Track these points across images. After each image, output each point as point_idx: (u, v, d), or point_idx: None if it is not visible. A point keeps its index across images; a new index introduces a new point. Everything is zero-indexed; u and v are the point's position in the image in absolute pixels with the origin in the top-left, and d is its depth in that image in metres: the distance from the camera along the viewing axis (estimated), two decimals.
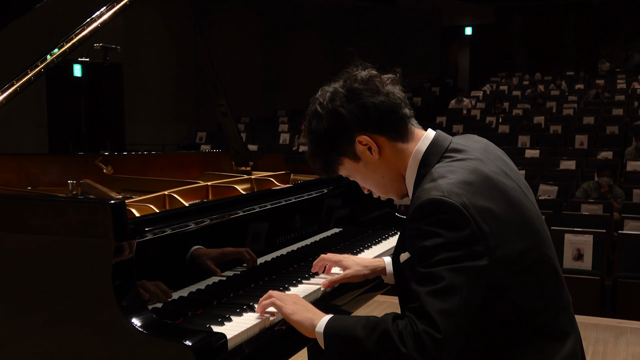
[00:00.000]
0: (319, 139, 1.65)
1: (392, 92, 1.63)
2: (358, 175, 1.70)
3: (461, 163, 1.56)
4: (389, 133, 1.62)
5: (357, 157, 1.64)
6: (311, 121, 1.66)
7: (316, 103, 1.66)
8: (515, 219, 1.52)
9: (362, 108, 1.60)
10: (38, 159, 2.73)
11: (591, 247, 5.36)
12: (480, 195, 1.48)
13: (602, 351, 3.97)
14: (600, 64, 19.19)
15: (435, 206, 1.45)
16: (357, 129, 1.61)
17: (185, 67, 14.52)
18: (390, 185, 1.69)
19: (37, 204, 1.59)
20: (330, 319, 1.57)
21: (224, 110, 2.82)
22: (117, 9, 2.38)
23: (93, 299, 1.46)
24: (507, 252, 1.48)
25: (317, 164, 1.70)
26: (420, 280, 1.45)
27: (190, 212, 1.79)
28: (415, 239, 1.48)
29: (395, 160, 1.64)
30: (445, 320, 1.41)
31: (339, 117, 1.61)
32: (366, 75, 1.65)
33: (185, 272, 1.73)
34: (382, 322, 1.47)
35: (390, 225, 2.76)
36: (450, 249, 1.43)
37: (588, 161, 9.29)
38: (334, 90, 1.65)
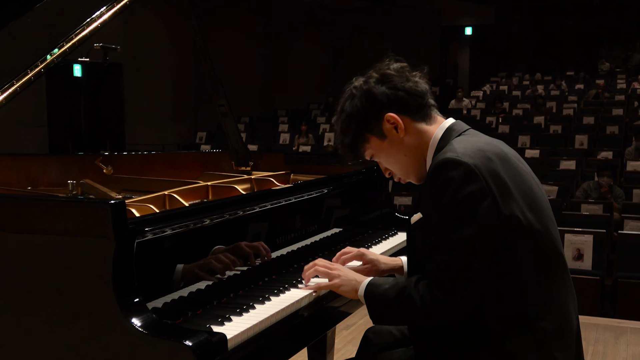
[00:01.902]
0: (350, 117, 1.78)
1: (419, 82, 1.80)
2: (383, 153, 1.81)
3: (476, 138, 1.71)
4: (415, 114, 1.76)
5: (384, 136, 1.77)
6: (345, 102, 1.81)
7: (350, 87, 1.82)
8: (523, 192, 1.63)
9: (392, 89, 1.75)
10: (38, 159, 2.73)
11: (591, 247, 5.36)
12: (492, 162, 1.60)
13: (602, 351, 3.97)
14: (600, 64, 19.18)
15: (447, 164, 1.59)
16: (386, 108, 1.75)
17: (185, 67, 14.52)
18: (411, 165, 1.80)
19: (37, 204, 1.59)
20: (368, 283, 1.74)
21: (224, 110, 2.82)
22: (117, 9, 2.38)
23: (93, 299, 1.45)
24: (515, 214, 1.58)
25: (346, 140, 1.81)
26: (433, 242, 1.59)
27: (190, 212, 1.79)
28: (428, 196, 1.62)
29: (418, 141, 1.77)
30: (458, 285, 1.56)
31: (371, 96, 1.76)
32: (398, 66, 1.80)
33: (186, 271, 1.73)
34: (407, 287, 1.64)
35: (390, 225, 2.76)
36: (460, 204, 1.56)
37: (588, 161, 9.29)
38: (367, 75, 1.81)
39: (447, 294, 1.57)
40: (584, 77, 17.14)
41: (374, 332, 2.08)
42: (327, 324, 2.09)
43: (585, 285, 5.08)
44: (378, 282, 1.74)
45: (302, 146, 11.67)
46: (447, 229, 1.57)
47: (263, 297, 1.75)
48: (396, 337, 2.03)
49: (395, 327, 2.06)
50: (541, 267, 1.63)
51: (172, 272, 1.69)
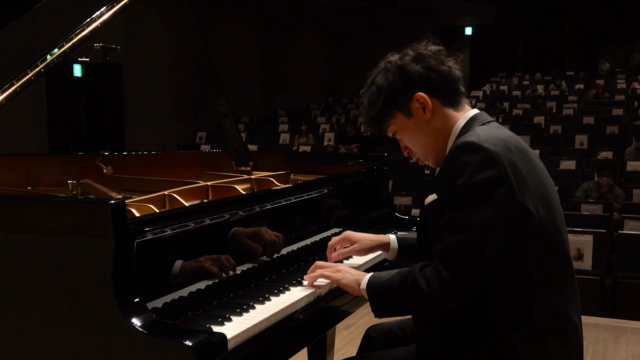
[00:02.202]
0: (380, 90, 1.78)
1: (453, 67, 1.79)
2: (406, 132, 1.81)
3: (499, 129, 1.71)
4: (444, 98, 1.77)
5: (410, 114, 1.76)
6: (377, 75, 1.80)
7: (385, 62, 1.81)
8: (538, 188, 1.63)
9: (427, 69, 1.75)
10: (38, 159, 2.73)
11: (591, 247, 5.36)
12: (512, 153, 1.61)
13: (602, 351, 3.97)
14: (600, 64, 19.19)
15: (468, 148, 1.60)
16: (417, 87, 1.74)
17: (185, 67, 14.53)
18: (432, 148, 1.80)
19: (37, 204, 1.59)
20: (370, 276, 1.76)
21: (224, 110, 2.82)
22: (117, 9, 2.38)
23: (93, 299, 1.45)
24: (528, 207, 1.59)
25: (372, 113, 1.81)
26: (446, 223, 1.60)
27: (190, 212, 1.79)
28: (445, 177, 1.62)
29: (443, 125, 1.77)
30: (467, 267, 1.56)
31: (405, 72, 1.75)
32: (435, 48, 1.80)
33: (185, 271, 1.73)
34: (412, 272, 1.65)
35: (390, 225, 2.76)
36: (477, 187, 1.56)
37: (588, 161, 9.29)
38: (404, 52, 1.80)
39: (456, 275, 1.57)
40: (584, 77, 17.14)
41: (375, 331, 2.08)
42: (327, 324, 2.09)
43: (585, 285, 5.07)
44: (380, 274, 1.76)
45: (302, 146, 11.67)
46: (461, 210, 1.57)
47: (263, 297, 1.75)
48: (397, 335, 2.03)
49: (397, 326, 2.06)
50: (548, 265, 1.63)
51: (172, 272, 1.69)
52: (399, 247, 2.08)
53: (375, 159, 2.87)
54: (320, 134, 12.84)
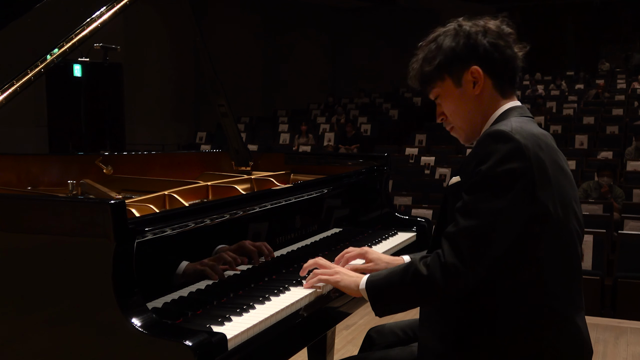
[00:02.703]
0: (440, 50, 1.74)
1: (518, 55, 1.76)
2: (449, 99, 1.78)
3: (534, 125, 1.69)
4: (497, 81, 1.74)
5: (460, 84, 1.74)
6: (442, 35, 1.76)
7: (455, 24, 1.77)
8: (560, 189, 1.62)
9: (493, 47, 1.72)
10: (38, 159, 2.73)
11: (591, 247, 5.36)
12: (541, 150, 1.59)
13: (602, 351, 3.97)
14: (600, 64, 19.19)
15: (498, 136, 1.58)
16: (477, 61, 1.72)
17: (185, 67, 14.53)
18: (468, 124, 1.78)
19: (37, 204, 1.59)
20: (368, 277, 1.76)
21: (224, 110, 2.82)
22: (117, 9, 2.38)
23: (93, 299, 1.45)
24: (547, 204, 1.58)
25: (425, 68, 1.76)
26: (462, 206, 1.60)
27: (190, 212, 1.79)
28: (471, 162, 1.62)
29: (486, 107, 1.75)
30: (474, 254, 1.56)
31: (472, 42, 1.72)
32: (507, 30, 1.76)
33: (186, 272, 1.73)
34: (412, 264, 1.65)
35: (390, 225, 2.76)
36: (499, 176, 1.55)
37: (588, 161, 9.29)
38: (476, 22, 1.77)
39: (461, 259, 1.56)
40: (584, 77, 17.14)
41: (377, 332, 2.08)
42: (327, 324, 2.09)
43: (585, 285, 5.05)
44: (379, 272, 1.76)
45: (302, 146, 11.67)
46: (479, 196, 1.57)
47: (263, 297, 1.75)
48: (399, 336, 2.03)
49: (399, 328, 2.06)
50: (561, 266, 1.63)
51: (172, 272, 1.69)
52: None
53: (375, 159, 2.87)
54: (320, 134, 12.84)
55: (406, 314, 1.89)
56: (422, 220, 2.78)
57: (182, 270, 1.70)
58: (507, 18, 1.79)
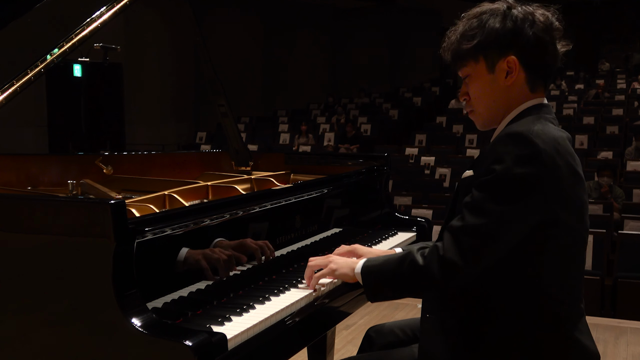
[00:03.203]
0: (483, 29, 1.67)
1: (559, 52, 1.71)
2: (478, 82, 1.72)
3: (557, 129, 1.64)
4: (531, 75, 1.68)
5: (493, 71, 1.69)
6: (490, 13, 1.68)
7: (504, 5, 1.69)
8: (575, 196, 1.60)
9: (537, 41, 1.65)
10: (38, 159, 2.73)
11: (591, 247, 5.36)
12: (559, 156, 1.56)
13: (602, 351, 3.97)
14: (600, 64, 19.18)
15: (518, 138, 1.54)
16: (516, 51, 1.66)
17: (185, 67, 14.54)
18: (491, 111, 1.73)
19: (37, 204, 1.59)
20: (365, 261, 1.76)
21: (224, 110, 2.82)
22: (117, 9, 2.38)
23: (93, 299, 1.45)
24: (556, 215, 1.55)
25: (461, 44, 1.70)
26: (470, 202, 1.58)
27: (190, 212, 1.79)
28: (487, 159, 1.58)
29: (514, 98, 1.70)
30: (475, 252, 1.55)
31: (516, 30, 1.65)
32: (556, 25, 1.71)
33: (185, 271, 1.73)
34: (409, 253, 1.65)
35: (390, 225, 2.76)
36: (512, 180, 1.52)
37: (588, 161, 9.29)
38: (525, 9, 1.69)
39: (462, 257, 1.55)
40: (584, 77, 17.13)
41: (376, 332, 2.08)
42: (327, 324, 2.09)
43: (585, 285, 5.06)
44: (376, 258, 1.76)
45: (302, 146, 11.67)
46: (490, 196, 1.54)
47: (263, 297, 1.75)
48: (398, 336, 2.03)
49: (398, 327, 2.05)
50: (565, 270, 1.61)
51: (172, 272, 1.69)
52: None
53: (375, 159, 2.87)
54: (320, 134, 12.84)
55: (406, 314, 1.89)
56: (422, 220, 2.78)
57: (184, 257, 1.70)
58: (557, 13, 1.73)
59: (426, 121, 13.32)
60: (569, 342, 1.62)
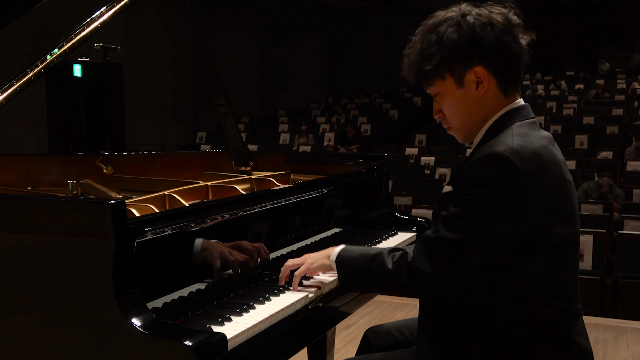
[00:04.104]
0: (441, 45, 1.60)
1: (524, 49, 1.64)
2: (449, 100, 1.67)
3: (538, 135, 1.60)
4: (502, 81, 1.63)
5: (462, 84, 1.63)
6: (442, 24, 1.61)
7: (458, 12, 1.62)
8: (564, 206, 1.57)
9: (499, 45, 1.59)
10: (38, 159, 2.73)
11: (591, 247, 5.36)
12: (544, 171, 1.52)
13: (602, 351, 3.97)
14: (600, 64, 19.19)
15: (498, 160, 1.50)
16: (481, 60, 1.60)
17: (185, 67, 14.53)
18: (469, 124, 1.68)
19: (37, 204, 1.59)
20: (341, 249, 1.79)
21: (224, 110, 2.82)
22: (117, 9, 2.38)
23: (93, 299, 1.45)
24: (543, 229, 1.53)
25: (424, 66, 1.64)
26: (447, 217, 1.56)
27: (190, 212, 1.79)
28: (466, 182, 1.54)
29: (489, 107, 1.65)
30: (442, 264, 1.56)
31: (476, 39, 1.58)
32: (515, 20, 1.63)
33: (185, 271, 1.73)
34: (380, 255, 1.68)
35: (390, 225, 2.76)
36: (491, 205, 1.50)
37: (588, 161, 9.29)
38: (480, 11, 1.61)
39: (431, 266, 1.56)
40: (584, 77, 17.14)
41: (374, 333, 2.07)
42: (327, 324, 2.09)
43: (585, 285, 5.08)
44: (351, 249, 1.79)
45: (302, 146, 11.67)
46: (468, 217, 1.52)
47: (263, 297, 1.75)
48: (396, 337, 2.02)
49: (395, 328, 2.05)
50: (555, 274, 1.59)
51: (172, 272, 1.69)
52: None
53: (375, 159, 2.87)
54: (320, 134, 12.84)
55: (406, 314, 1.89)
56: (422, 220, 2.78)
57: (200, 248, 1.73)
58: (514, 7, 1.65)
59: (426, 121, 13.31)
60: (563, 344, 1.61)
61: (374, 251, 1.72)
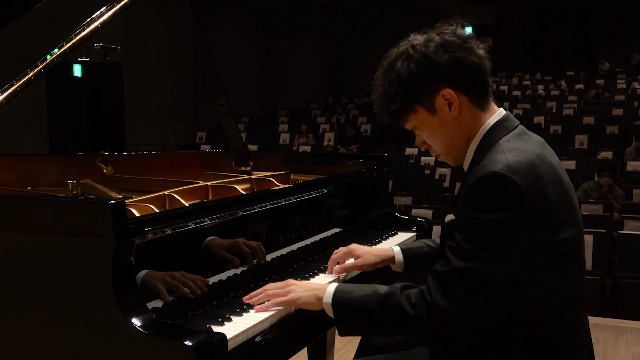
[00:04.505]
0: (401, 81, 1.60)
1: (484, 57, 1.62)
2: (427, 129, 1.66)
3: (528, 144, 1.57)
4: (472, 96, 1.61)
5: (434, 111, 1.62)
6: (396, 61, 1.61)
7: (407, 45, 1.62)
8: (566, 211, 1.55)
9: (456, 62, 1.57)
10: (38, 159, 2.73)
11: (591, 247, 5.36)
12: (541, 181, 1.49)
13: (602, 351, 3.97)
14: (600, 64, 19.19)
15: (497, 181, 1.47)
16: (444, 82, 1.58)
17: (185, 67, 14.53)
18: (455, 147, 1.67)
19: (37, 204, 1.59)
20: (335, 290, 1.62)
21: (224, 110, 2.82)
22: (117, 9, 2.38)
23: (93, 299, 1.45)
24: (549, 240, 1.51)
25: (391, 107, 1.63)
26: (456, 246, 1.50)
27: (190, 212, 1.79)
28: (468, 206, 1.50)
29: (469, 125, 1.63)
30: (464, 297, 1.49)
31: (431, 64, 1.57)
32: (464, 33, 1.62)
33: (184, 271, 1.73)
34: (393, 295, 1.54)
35: (390, 225, 2.76)
36: (499, 227, 1.46)
37: (588, 161, 9.29)
38: (429, 37, 1.61)
39: (451, 302, 1.49)
40: (584, 77, 17.14)
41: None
42: (327, 324, 2.08)
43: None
44: (348, 288, 1.62)
45: (302, 146, 11.67)
46: (477, 242, 1.48)
47: None
48: (395, 338, 2.02)
49: None
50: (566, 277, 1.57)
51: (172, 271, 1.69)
52: (405, 259, 2.01)
53: (375, 159, 2.87)
54: (320, 134, 12.84)
55: None
56: (422, 220, 2.78)
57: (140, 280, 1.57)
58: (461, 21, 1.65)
59: None
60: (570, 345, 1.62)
61: (382, 291, 1.57)
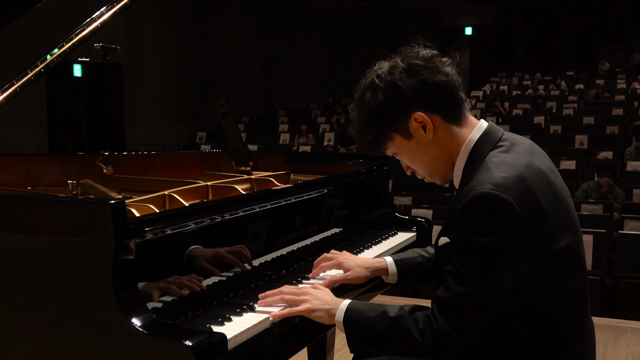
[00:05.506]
0: (372, 112, 1.63)
1: (451, 73, 1.61)
2: (407, 154, 1.67)
3: (515, 156, 1.55)
4: (446, 114, 1.60)
5: (410, 135, 1.62)
6: (365, 93, 1.65)
7: (373, 75, 1.64)
8: (561, 217, 1.53)
9: (422, 84, 1.58)
10: (38, 159, 2.73)
11: (591, 247, 5.36)
12: (533, 193, 1.48)
13: (602, 351, 3.97)
14: (600, 64, 19.20)
15: (488, 202, 1.45)
16: (414, 105, 1.58)
17: (185, 68, 14.53)
18: (438, 167, 1.67)
19: (37, 204, 1.59)
20: (347, 308, 1.61)
21: (224, 110, 2.82)
22: (117, 9, 2.38)
23: (93, 299, 1.45)
24: (548, 250, 1.50)
25: (367, 138, 1.67)
26: (455, 271, 1.49)
27: (190, 212, 1.78)
28: (462, 231, 1.48)
29: (448, 143, 1.62)
30: (468, 320, 1.48)
31: (398, 90, 1.59)
32: (427, 53, 1.62)
33: (185, 272, 1.73)
34: (401, 319, 1.53)
35: (390, 225, 2.76)
36: (495, 249, 1.45)
37: (588, 161, 9.29)
38: (393, 64, 1.62)
39: (456, 327, 1.48)
40: (584, 77, 17.15)
41: None
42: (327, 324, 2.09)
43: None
44: (359, 307, 1.61)
45: (302, 146, 11.68)
46: (475, 266, 1.47)
47: None
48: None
49: None
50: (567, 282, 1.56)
51: (172, 272, 1.69)
52: (399, 270, 1.97)
53: (375, 159, 2.87)
54: (320, 134, 12.85)
55: None
56: (422, 220, 2.78)
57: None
58: (423, 41, 1.65)
59: None
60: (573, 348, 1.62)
61: (392, 313, 1.56)
